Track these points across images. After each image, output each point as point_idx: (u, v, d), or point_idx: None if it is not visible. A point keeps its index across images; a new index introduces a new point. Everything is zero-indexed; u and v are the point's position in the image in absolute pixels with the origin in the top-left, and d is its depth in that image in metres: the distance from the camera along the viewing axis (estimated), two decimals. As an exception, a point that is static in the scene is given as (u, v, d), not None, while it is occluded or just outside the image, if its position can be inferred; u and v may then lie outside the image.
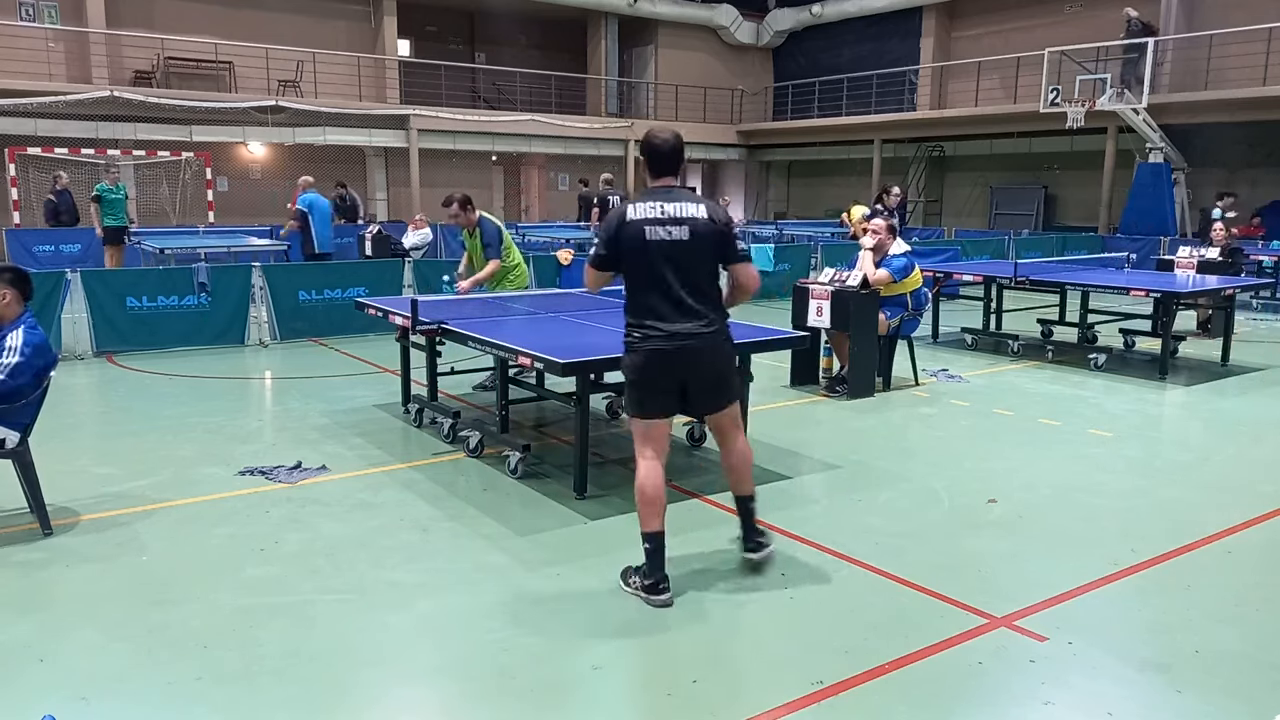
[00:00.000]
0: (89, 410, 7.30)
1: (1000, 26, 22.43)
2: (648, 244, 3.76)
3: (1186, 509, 5.00)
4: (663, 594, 3.75)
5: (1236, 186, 18.84)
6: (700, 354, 3.84)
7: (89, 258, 15.54)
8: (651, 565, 3.80)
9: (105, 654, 3.39)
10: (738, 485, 4.17)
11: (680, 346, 3.78)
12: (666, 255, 3.76)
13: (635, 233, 3.78)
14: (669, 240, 3.76)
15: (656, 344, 3.77)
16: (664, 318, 3.78)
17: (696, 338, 3.80)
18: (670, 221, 3.77)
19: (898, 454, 6.08)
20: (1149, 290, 8.90)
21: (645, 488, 3.80)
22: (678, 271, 3.77)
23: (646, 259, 3.77)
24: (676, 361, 3.81)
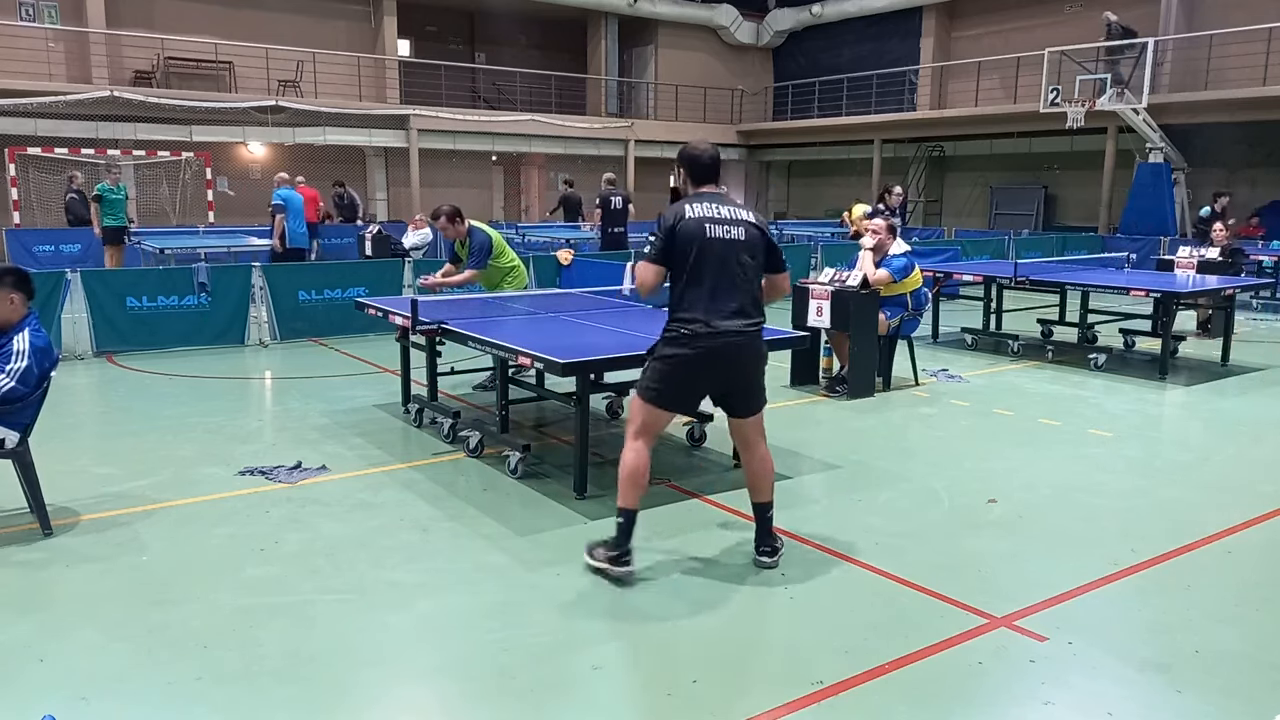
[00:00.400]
0: (89, 410, 7.30)
1: (1000, 26, 22.44)
2: (707, 241, 3.85)
3: (1186, 509, 5.00)
4: (626, 565, 3.96)
5: (1236, 186, 18.85)
6: (744, 352, 3.94)
7: (89, 258, 15.55)
8: (622, 538, 3.98)
9: (105, 654, 3.39)
10: (757, 492, 4.20)
11: (726, 344, 3.86)
12: (723, 253, 3.86)
13: (695, 229, 3.85)
14: (726, 239, 3.87)
15: (703, 342, 3.84)
16: (714, 314, 3.84)
17: (743, 335, 3.89)
18: (728, 222, 3.90)
19: (898, 454, 6.08)
20: (1149, 290, 8.90)
21: (636, 469, 3.94)
22: (731, 270, 3.87)
23: (703, 255, 3.84)
24: (720, 360, 3.90)
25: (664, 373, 3.94)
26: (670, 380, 3.94)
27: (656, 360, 3.98)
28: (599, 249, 14.53)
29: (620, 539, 3.99)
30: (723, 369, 3.94)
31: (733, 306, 3.86)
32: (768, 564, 4.15)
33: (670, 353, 3.91)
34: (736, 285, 3.88)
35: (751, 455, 4.18)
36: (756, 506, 4.22)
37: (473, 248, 7.37)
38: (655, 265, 3.91)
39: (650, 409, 3.98)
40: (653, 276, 3.93)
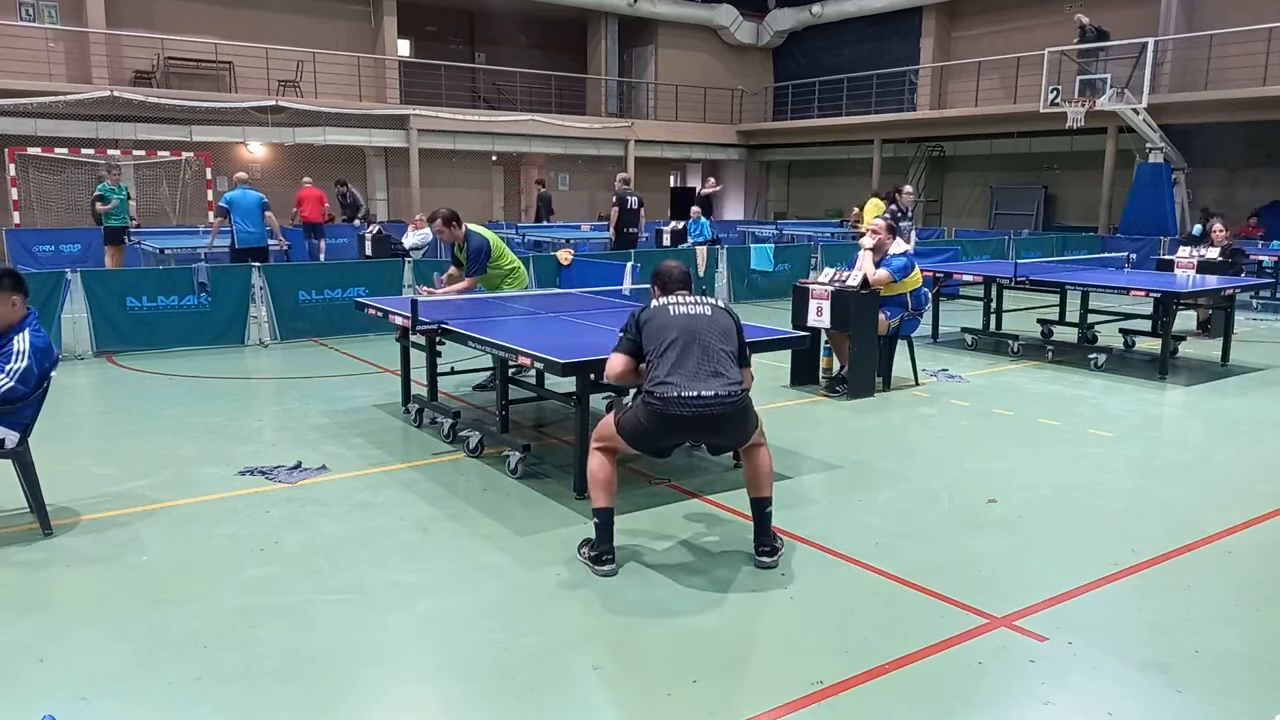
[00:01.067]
0: (89, 410, 7.30)
1: (1000, 26, 22.44)
2: (672, 317, 4.09)
3: (1186, 509, 5.00)
4: (606, 564, 4.06)
5: (1236, 186, 18.87)
6: (724, 419, 4.03)
7: (89, 258, 15.57)
8: (600, 537, 4.08)
9: (105, 654, 3.39)
10: (755, 487, 4.23)
11: (699, 414, 3.95)
12: (691, 325, 4.08)
13: (659, 311, 4.14)
14: (692, 313, 4.12)
15: (675, 409, 3.94)
16: (690, 378, 3.96)
17: (722, 402, 3.97)
18: (692, 303, 4.18)
19: (898, 454, 6.08)
20: (1149, 290, 8.90)
21: (598, 474, 4.11)
22: (702, 339, 4.05)
23: (671, 327, 4.06)
24: (693, 426, 4.02)
25: (640, 427, 4.06)
26: (645, 435, 4.09)
27: (638, 409, 4.08)
28: (611, 248, 14.56)
29: (600, 538, 4.08)
30: (697, 432, 4.11)
31: (708, 369, 3.99)
32: (768, 564, 4.15)
33: (646, 413, 4.03)
34: (709, 351, 4.02)
35: (750, 457, 4.25)
36: (755, 502, 4.23)
37: (470, 253, 7.30)
38: (623, 355, 4.16)
39: (619, 440, 4.13)
40: (621, 366, 4.16)
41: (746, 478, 4.29)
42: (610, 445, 4.15)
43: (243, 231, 11.50)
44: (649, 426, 4.03)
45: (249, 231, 11.54)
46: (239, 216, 11.50)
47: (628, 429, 4.10)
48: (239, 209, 11.53)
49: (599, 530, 4.09)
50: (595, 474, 4.12)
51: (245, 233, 11.52)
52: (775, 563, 4.17)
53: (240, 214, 11.53)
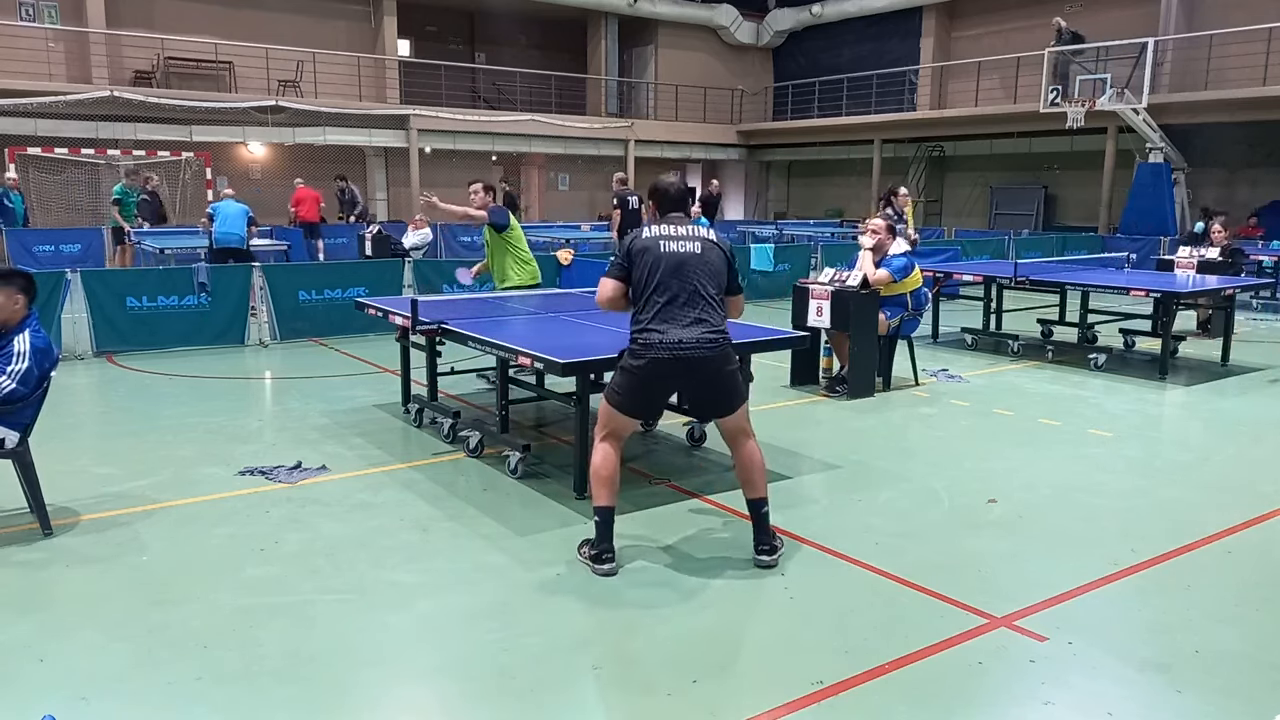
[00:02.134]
0: (89, 410, 7.30)
1: (1000, 26, 22.44)
2: (662, 254, 4.02)
3: (1186, 509, 5.00)
4: (606, 563, 4.02)
5: (1236, 186, 18.87)
6: (705, 362, 4.00)
7: (89, 258, 15.57)
8: (599, 536, 4.06)
9: (105, 654, 3.39)
10: (749, 487, 4.21)
11: (680, 356, 3.94)
12: (677, 264, 4.02)
13: (650, 244, 4.06)
14: (681, 252, 4.04)
15: (657, 353, 3.94)
16: (672, 324, 3.95)
17: (701, 347, 3.97)
18: (684, 238, 4.09)
19: (898, 454, 6.08)
20: (1149, 290, 8.90)
21: (601, 469, 4.06)
22: (687, 281, 4.00)
23: (659, 268, 4.00)
24: (675, 371, 3.99)
25: (626, 382, 4.06)
26: (631, 389, 4.06)
27: (618, 370, 4.12)
28: (615, 248, 14.56)
29: (600, 537, 4.06)
30: (682, 378, 4.08)
31: (691, 315, 3.97)
32: (767, 563, 4.15)
33: (627, 364, 4.04)
34: (695, 296, 4.00)
35: (738, 451, 4.21)
36: (750, 504, 4.22)
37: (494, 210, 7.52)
38: (613, 280, 4.11)
39: (614, 414, 4.10)
40: (610, 291, 4.12)
41: (740, 478, 4.26)
42: (610, 429, 4.12)
43: (220, 233, 12.26)
44: (632, 379, 4.02)
45: (227, 233, 12.29)
46: (219, 222, 12.35)
47: (614, 393, 4.09)
48: (220, 215, 12.40)
49: (599, 529, 4.07)
50: (598, 469, 4.07)
51: (223, 234, 12.27)
52: (775, 562, 4.16)
53: (221, 220, 12.36)
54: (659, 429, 6.44)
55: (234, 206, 12.53)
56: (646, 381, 4.03)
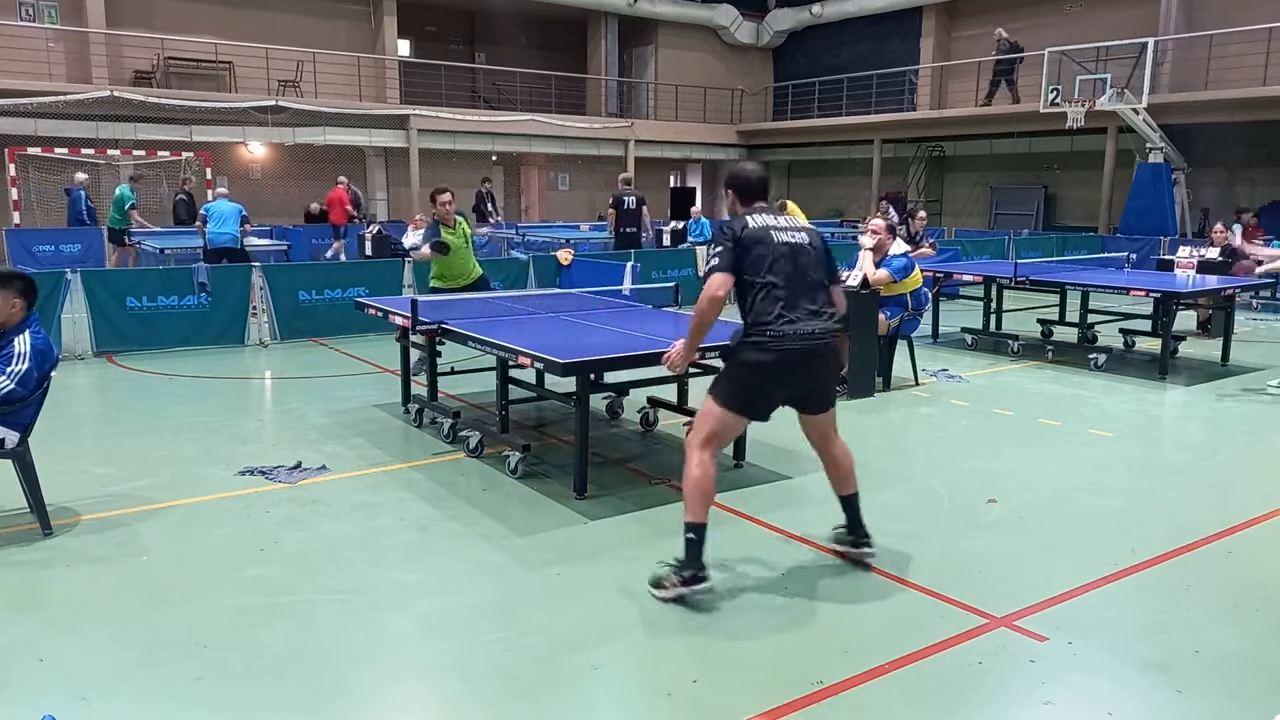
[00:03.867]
0: (89, 410, 7.30)
1: (1000, 26, 22.41)
2: (776, 245, 3.85)
3: (1186, 509, 5.00)
4: (704, 582, 3.77)
5: (1236, 187, 18.86)
6: (825, 352, 3.93)
7: (89, 258, 15.57)
8: (694, 555, 3.78)
9: (105, 654, 3.39)
10: (843, 484, 4.18)
11: (809, 347, 3.83)
12: (792, 256, 3.87)
13: (762, 234, 3.86)
14: (793, 242, 3.89)
15: (789, 344, 3.78)
16: (795, 317, 3.81)
17: (824, 337, 3.88)
18: (789, 228, 3.95)
19: (898, 454, 6.08)
20: (1149, 290, 8.90)
21: (704, 482, 3.81)
22: (803, 272, 3.88)
23: (775, 260, 3.83)
24: (804, 361, 3.85)
25: (746, 379, 3.87)
26: (752, 387, 3.88)
27: (737, 366, 3.90)
28: (612, 248, 14.56)
29: (692, 557, 3.78)
30: (804, 373, 3.89)
31: (810, 307, 3.86)
32: (855, 554, 4.18)
33: (754, 359, 3.81)
34: (809, 286, 3.88)
35: (831, 448, 4.14)
36: (847, 500, 4.18)
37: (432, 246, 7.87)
38: (726, 274, 3.81)
39: (728, 416, 3.89)
40: (724, 286, 3.81)
41: (834, 476, 4.18)
42: (719, 434, 3.90)
43: (214, 234, 12.24)
44: (759, 375, 3.83)
45: (220, 233, 12.26)
46: (213, 222, 12.32)
47: (731, 392, 3.88)
48: (215, 216, 12.36)
49: (692, 547, 3.78)
50: (701, 482, 3.80)
51: (217, 234, 12.25)
52: (864, 554, 4.17)
53: (215, 220, 12.32)
54: (658, 429, 6.44)
55: (228, 206, 12.50)
56: (776, 376, 3.83)
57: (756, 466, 5.65)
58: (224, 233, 12.22)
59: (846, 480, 4.17)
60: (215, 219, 12.32)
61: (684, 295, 7.43)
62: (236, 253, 12.19)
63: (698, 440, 3.88)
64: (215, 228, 12.22)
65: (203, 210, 12.94)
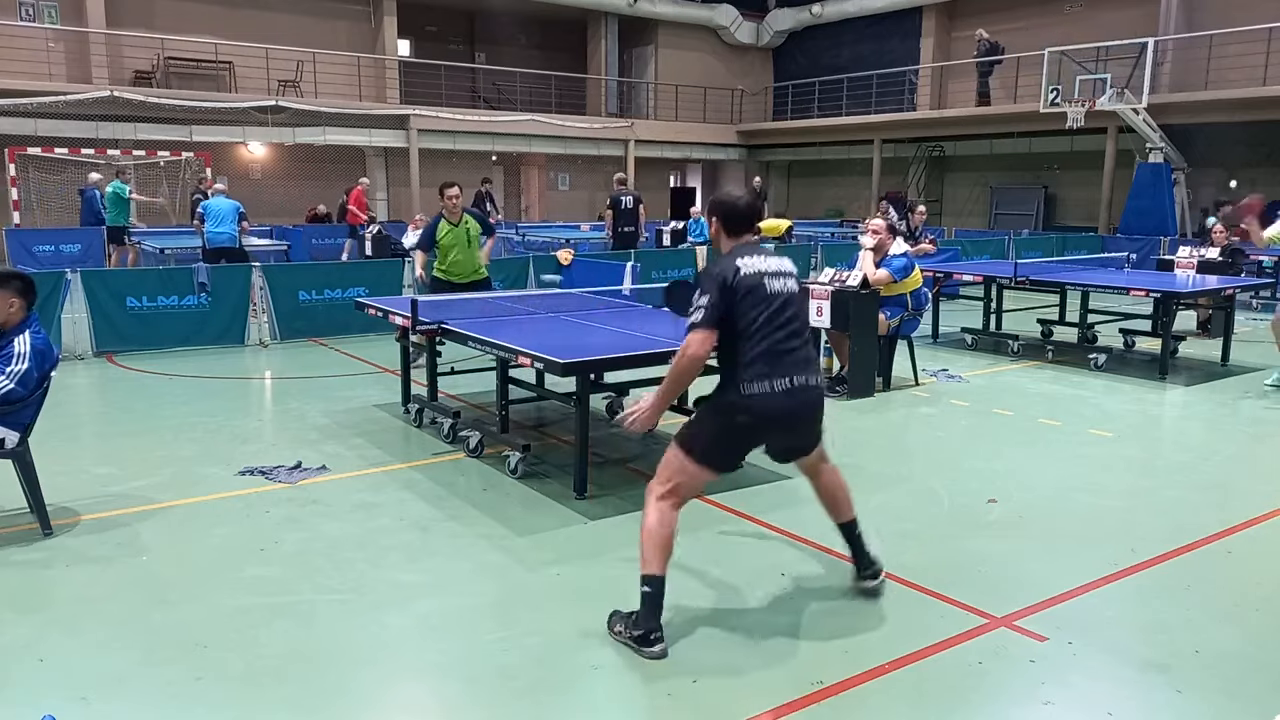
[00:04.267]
0: (89, 410, 7.30)
1: (1000, 26, 22.41)
2: (770, 295, 3.51)
3: (1186, 509, 5.00)
4: (656, 645, 3.38)
5: (1236, 187, 18.83)
6: (818, 406, 3.67)
7: (89, 258, 15.57)
8: (648, 613, 3.41)
9: (105, 654, 3.39)
10: (838, 511, 3.88)
11: (804, 401, 3.56)
12: (784, 306, 3.55)
13: (753, 284, 3.49)
14: (784, 292, 3.56)
15: (780, 401, 3.47)
16: (783, 373, 3.49)
17: (809, 392, 3.58)
18: (779, 273, 3.59)
19: (898, 454, 6.08)
20: (1149, 290, 8.90)
21: (659, 531, 3.49)
22: (793, 323, 3.58)
23: (768, 310, 3.49)
24: (796, 417, 3.60)
25: (727, 436, 3.54)
26: (732, 442, 3.58)
27: (717, 422, 3.55)
28: (610, 249, 14.57)
29: (647, 614, 3.40)
30: (788, 430, 3.64)
31: (799, 357, 3.55)
32: (874, 588, 3.89)
33: (739, 419, 3.50)
34: (797, 338, 3.57)
35: (820, 478, 3.87)
36: (844, 528, 3.89)
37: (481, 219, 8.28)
38: (709, 331, 3.42)
39: (695, 469, 3.53)
40: (708, 345, 3.43)
41: (828, 504, 3.89)
42: (682, 485, 3.55)
43: (212, 233, 12.12)
44: (737, 430, 3.52)
45: (219, 233, 12.14)
46: (211, 221, 12.17)
47: (707, 448, 3.53)
48: (213, 214, 12.20)
49: (648, 602, 3.41)
50: (656, 531, 3.47)
51: (215, 234, 12.13)
52: (881, 585, 3.89)
53: (213, 219, 12.18)
54: (659, 429, 6.43)
55: (225, 204, 12.34)
56: (754, 431, 3.55)
57: (756, 466, 5.64)
58: (222, 232, 12.10)
59: (840, 507, 3.88)
60: (213, 217, 12.16)
61: (684, 295, 7.44)
62: (235, 252, 12.07)
63: (660, 489, 3.55)
64: (213, 227, 12.08)
65: (200, 208, 12.75)
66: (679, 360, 3.45)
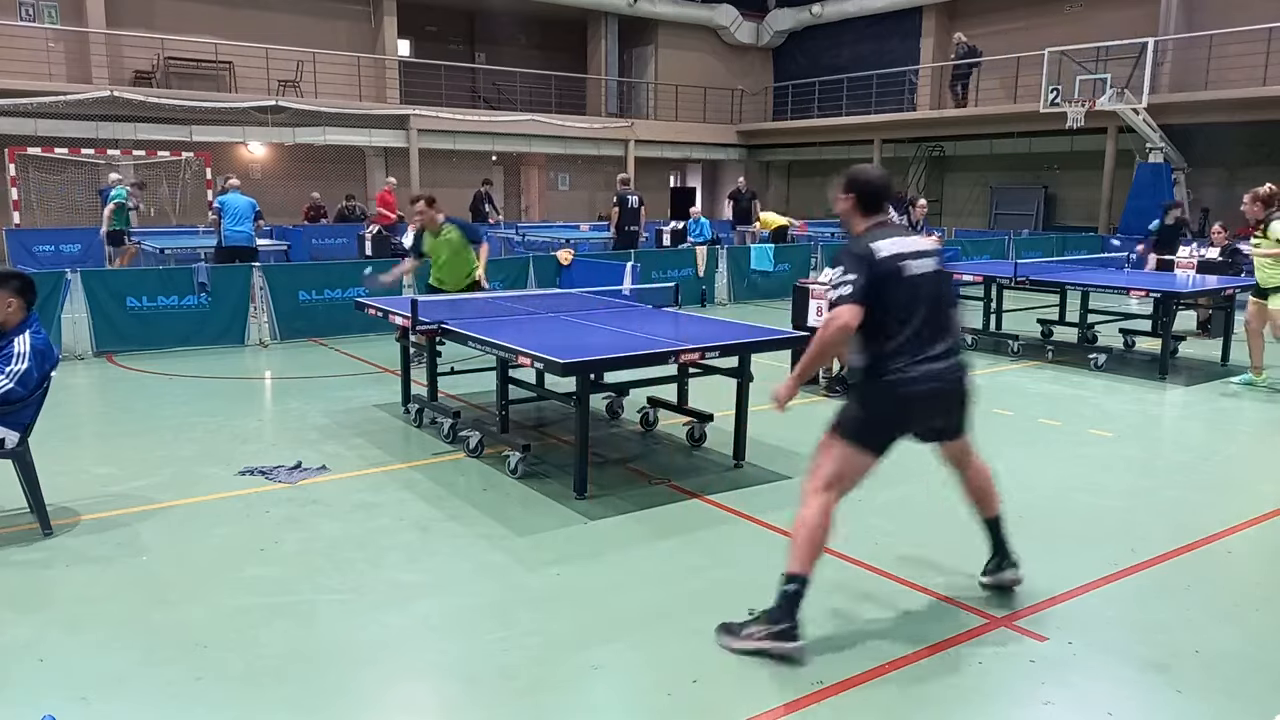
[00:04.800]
0: (89, 410, 7.30)
1: (1000, 26, 22.43)
2: (908, 279, 3.49)
3: (1186, 509, 5.00)
4: (796, 640, 3.37)
5: (1236, 186, 18.82)
6: (965, 385, 3.66)
7: (89, 258, 15.58)
8: (790, 609, 3.38)
9: (105, 654, 3.39)
10: (987, 506, 3.88)
11: (951, 380, 3.58)
12: (926, 288, 3.53)
13: (893, 267, 3.47)
14: (925, 273, 3.54)
15: (931, 384, 3.50)
16: (936, 355, 3.50)
17: (958, 375, 3.60)
18: (921, 253, 3.57)
19: (897, 454, 6.05)
20: (1149, 290, 8.90)
21: (823, 531, 3.45)
22: (936, 305, 3.56)
23: (910, 293, 3.49)
24: (945, 398, 3.62)
25: (880, 419, 3.54)
26: (886, 426, 3.56)
27: (871, 403, 3.55)
28: (613, 248, 14.59)
29: (787, 610, 3.38)
30: (941, 411, 3.65)
31: (944, 345, 3.54)
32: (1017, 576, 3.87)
33: (889, 399, 3.51)
34: (942, 321, 3.55)
35: (969, 467, 3.86)
36: (991, 523, 3.88)
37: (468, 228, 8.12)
38: (859, 305, 3.39)
39: (859, 456, 3.53)
40: (855, 319, 3.39)
41: (975, 498, 3.87)
42: (846, 476, 3.54)
43: (230, 231, 11.90)
44: (892, 414, 3.53)
45: (237, 231, 11.94)
46: (229, 218, 11.92)
47: (866, 431, 3.54)
48: (230, 211, 11.96)
49: (790, 599, 3.39)
50: (815, 530, 3.43)
51: (233, 232, 11.92)
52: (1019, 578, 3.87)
53: (231, 216, 11.94)
54: (658, 429, 6.44)
55: (242, 200, 12.09)
56: (907, 412, 3.55)
57: (756, 466, 5.65)
58: (241, 230, 11.90)
59: (988, 501, 3.86)
60: (231, 215, 11.93)
61: (684, 295, 7.45)
62: (250, 253, 11.87)
63: (819, 483, 3.52)
64: (231, 225, 11.87)
65: (216, 203, 12.43)
66: (825, 330, 3.44)
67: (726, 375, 5.70)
